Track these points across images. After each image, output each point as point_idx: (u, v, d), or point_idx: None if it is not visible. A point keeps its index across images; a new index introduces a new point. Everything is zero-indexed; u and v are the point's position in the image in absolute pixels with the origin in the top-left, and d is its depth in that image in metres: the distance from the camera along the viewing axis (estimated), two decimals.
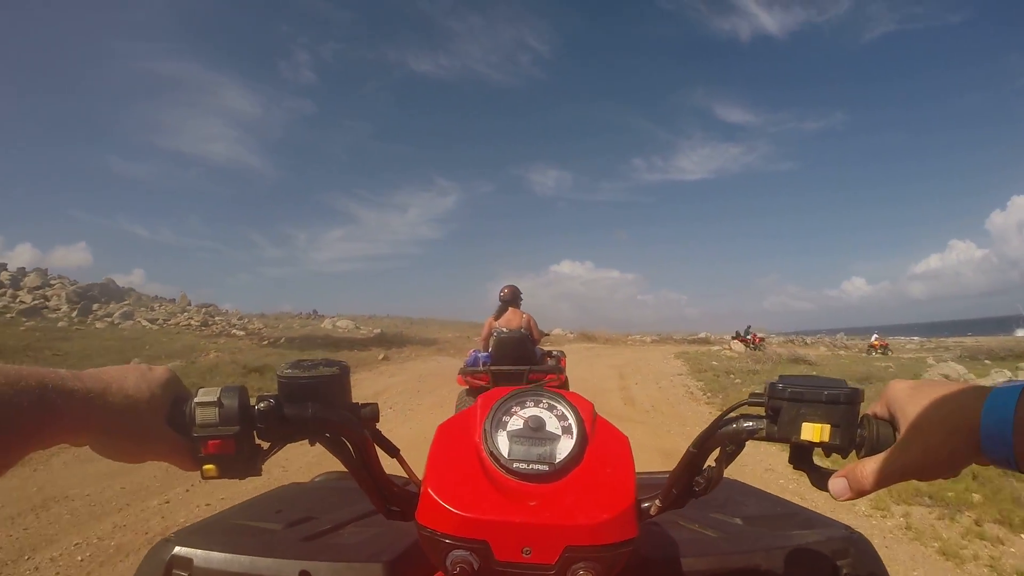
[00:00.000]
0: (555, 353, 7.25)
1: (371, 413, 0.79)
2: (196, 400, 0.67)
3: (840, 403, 0.64)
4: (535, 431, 0.73)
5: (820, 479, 0.67)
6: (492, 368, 6.65)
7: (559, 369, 6.75)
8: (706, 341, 31.59)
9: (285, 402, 0.71)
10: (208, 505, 4.77)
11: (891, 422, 0.65)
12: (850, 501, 0.65)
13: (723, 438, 0.71)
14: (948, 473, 0.60)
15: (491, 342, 6.92)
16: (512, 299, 7.29)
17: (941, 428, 0.58)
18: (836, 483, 0.64)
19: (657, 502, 0.75)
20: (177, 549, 0.94)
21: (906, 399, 0.62)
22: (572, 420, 0.74)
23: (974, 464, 0.59)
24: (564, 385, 6.48)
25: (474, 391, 6.63)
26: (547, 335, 7.68)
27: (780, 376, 0.68)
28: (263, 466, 0.72)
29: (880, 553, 1.02)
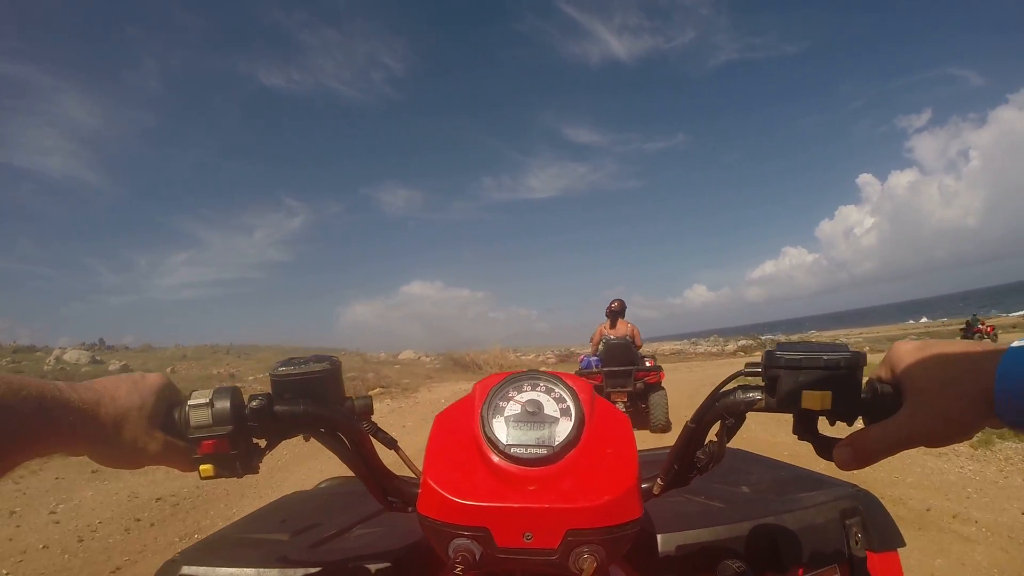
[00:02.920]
0: (655, 361, 8.43)
1: (364, 407, 0.79)
2: (189, 403, 0.70)
3: (840, 368, 0.61)
4: (533, 415, 0.71)
5: (825, 448, 0.65)
6: (604, 369, 8.00)
7: (658, 368, 8.09)
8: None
9: (278, 400, 0.73)
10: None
11: (897, 386, 0.61)
12: (893, 456, 0.61)
13: (721, 411, 0.70)
14: (959, 437, 0.56)
15: (600, 347, 8.42)
16: (620, 311, 8.74)
17: (951, 391, 0.55)
18: (841, 452, 0.63)
19: (659, 481, 0.75)
20: (184, 568, 0.94)
21: (912, 361, 0.59)
22: (570, 402, 0.72)
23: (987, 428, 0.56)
24: (662, 386, 7.98)
25: None
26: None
27: (778, 344, 0.66)
28: (260, 464, 0.74)
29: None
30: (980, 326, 25.35)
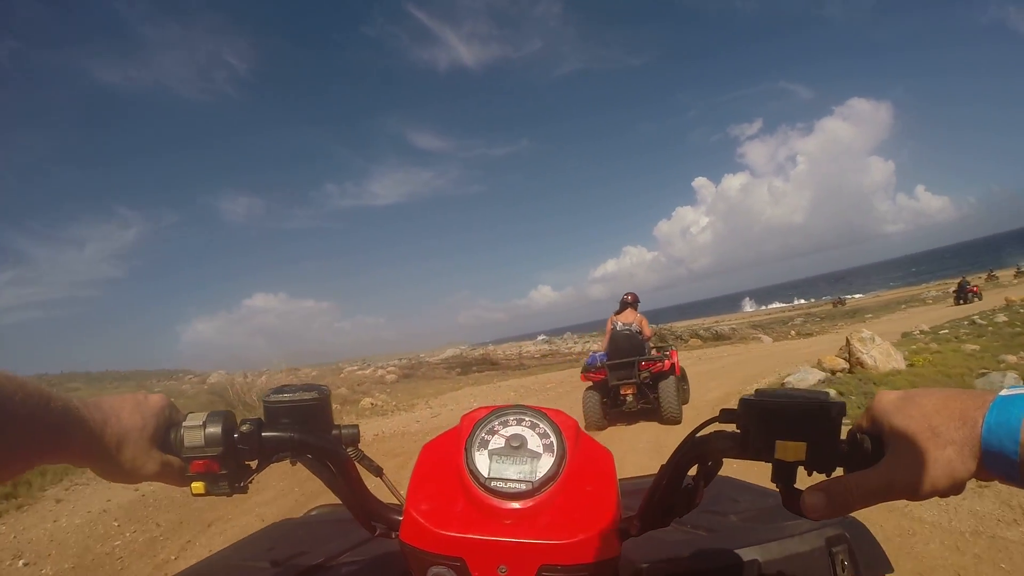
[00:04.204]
0: (666, 353, 8.13)
1: (351, 435, 0.81)
2: (184, 424, 0.73)
3: (815, 418, 0.60)
4: (516, 449, 0.73)
5: (792, 497, 0.63)
6: (607, 363, 7.89)
7: (664, 357, 7.81)
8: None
9: (268, 425, 0.76)
10: None
11: (879, 436, 0.59)
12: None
13: (695, 457, 0.69)
14: (944, 490, 0.54)
15: (608, 339, 8.34)
16: (632, 303, 8.59)
17: (935, 441, 0.53)
18: (812, 497, 0.60)
19: (637, 522, 0.73)
20: None
21: (894, 410, 0.58)
22: (553, 437, 0.73)
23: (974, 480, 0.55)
24: (674, 372, 7.80)
25: (595, 386, 7.95)
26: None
27: (756, 390, 0.65)
28: (249, 484, 0.77)
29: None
30: (971, 286, 27.42)
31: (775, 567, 0.98)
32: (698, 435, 0.70)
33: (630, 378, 7.70)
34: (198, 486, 0.73)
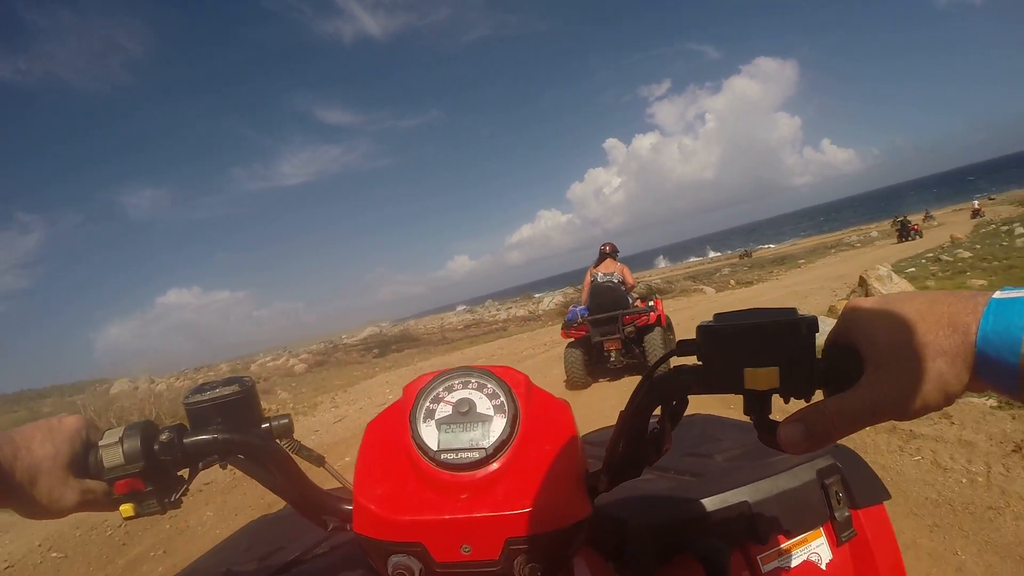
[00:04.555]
0: (650, 303, 7.71)
1: (283, 427, 0.77)
2: (100, 444, 0.68)
3: (785, 338, 0.52)
4: (464, 415, 0.66)
5: (768, 432, 0.55)
6: (589, 318, 7.48)
7: (650, 309, 7.38)
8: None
9: (192, 429, 0.71)
10: None
11: (858, 352, 0.52)
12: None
13: (657, 396, 0.62)
14: (935, 405, 0.48)
15: (588, 292, 7.85)
16: (611, 252, 8.15)
17: (923, 352, 0.47)
18: (788, 430, 0.52)
19: (604, 477, 0.67)
20: None
21: (872, 321, 0.51)
22: (503, 397, 0.67)
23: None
24: (660, 323, 7.37)
25: (576, 343, 7.56)
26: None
27: (714, 315, 0.57)
28: (183, 497, 0.72)
29: None
30: (912, 224, 27.73)
31: (766, 506, 0.96)
32: (656, 373, 0.63)
33: (614, 333, 7.35)
34: (127, 508, 0.68)
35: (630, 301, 7.80)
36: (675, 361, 0.62)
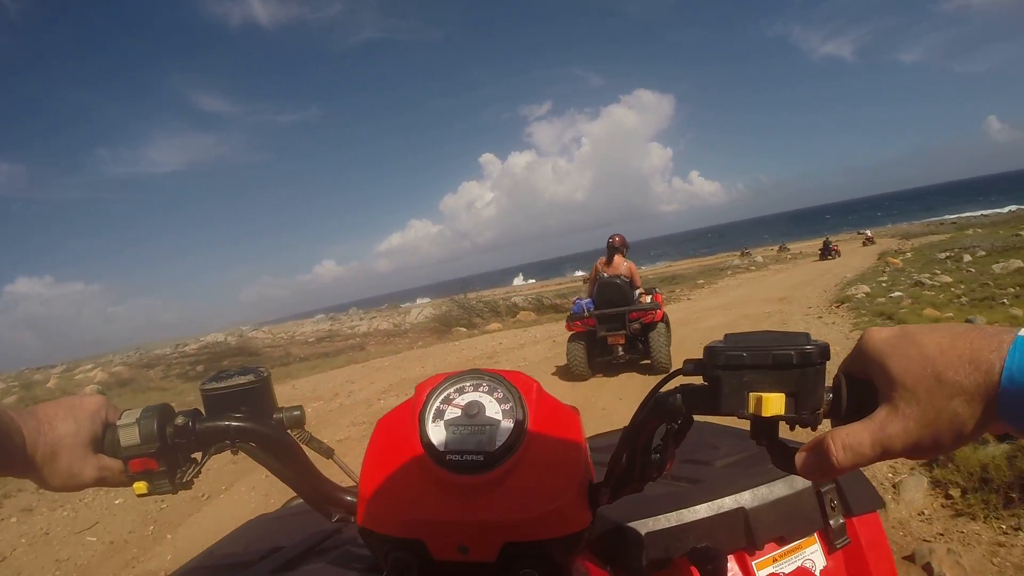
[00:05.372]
0: (653, 301, 7.90)
1: (295, 418, 0.79)
2: (119, 423, 0.70)
3: (793, 366, 0.51)
4: (473, 417, 0.67)
5: (782, 456, 0.54)
6: (595, 313, 7.68)
7: (655, 306, 7.57)
8: None
9: (206, 415, 0.74)
10: None
11: (871, 383, 0.50)
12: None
13: (661, 415, 0.62)
14: (949, 448, 0.46)
15: (596, 287, 7.98)
16: (620, 247, 8.12)
17: (939, 390, 0.44)
18: (805, 460, 0.52)
19: (607, 491, 0.67)
20: None
21: (888, 352, 0.49)
22: (512, 402, 0.67)
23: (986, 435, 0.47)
24: (664, 320, 7.64)
25: (579, 335, 7.78)
26: None
27: (725, 335, 0.57)
28: (194, 479, 0.74)
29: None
30: (832, 245, 28.84)
31: (763, 513, 0.97)
32: (661, 391, 0.63)
33: (620, 328, 7.56)
34: (140, 486, 0.71)
35: (635, 297, 7.95)
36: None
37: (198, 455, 0.75)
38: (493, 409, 0.67)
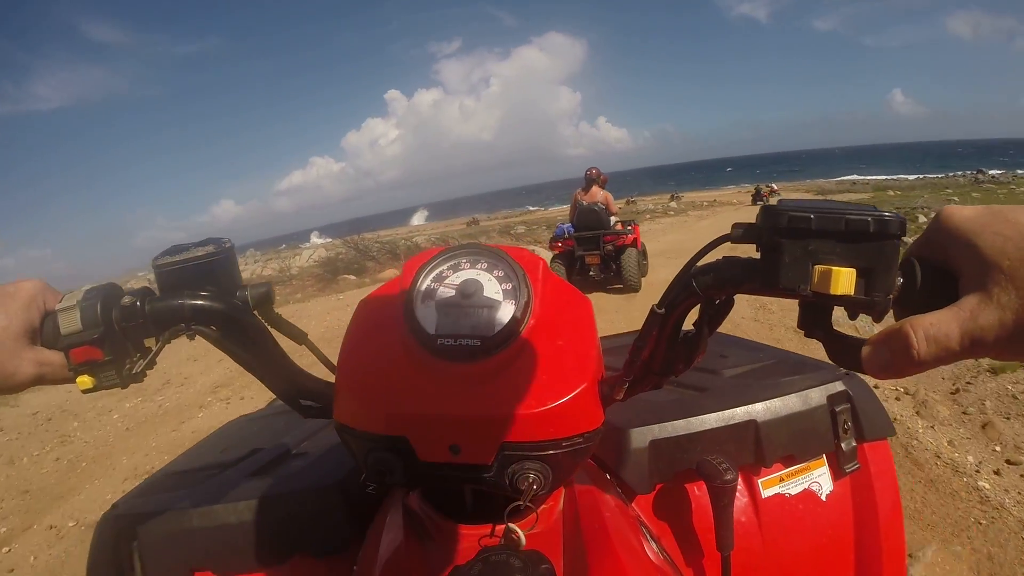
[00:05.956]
0: (628, 228, 8.64)
1: (261, 295, 0.69)
2: (57, 308, 0.61)
3: (870, 236, 0.41)
4: (469, 297, 0.58)
5: (844, 350, 0.45)
6: (574, 235, 8.50)
7: (627, 232, 8.35)
8: None
9: (161, 294, 0.63)
10: None
11: (951, 266, 0.42)
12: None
13: (699, 292, 0.50)
14: None
15: (575, 213, 8.82)
16: (596, 178, 9.12)
17: None
18: (876, 353, 0.42)
19: (623, 383, 0.60)
20: (123, 518, 0.89)
21: (979, 230, 0.40)
22: (517, 281, 0.58)
23: None
24: (636, 246, 8.41)
25: (561, 256, 8.61)
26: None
27: (779, 200, 0.46)
28: (147, 371, 0.64)
29: None
30: (764, 190, 28.76)
31: (773, 427, 0.92)
32: (700, 263, 0.51)
33: (595, 249, 8.29)
34: (84, 380, 0.60)
35: (611, 223, 8.62)
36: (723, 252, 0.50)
37: (152, 342, 0.64)
38: (493, 289, 0.58)
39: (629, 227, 8.59)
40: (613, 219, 8.72)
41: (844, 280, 0.41)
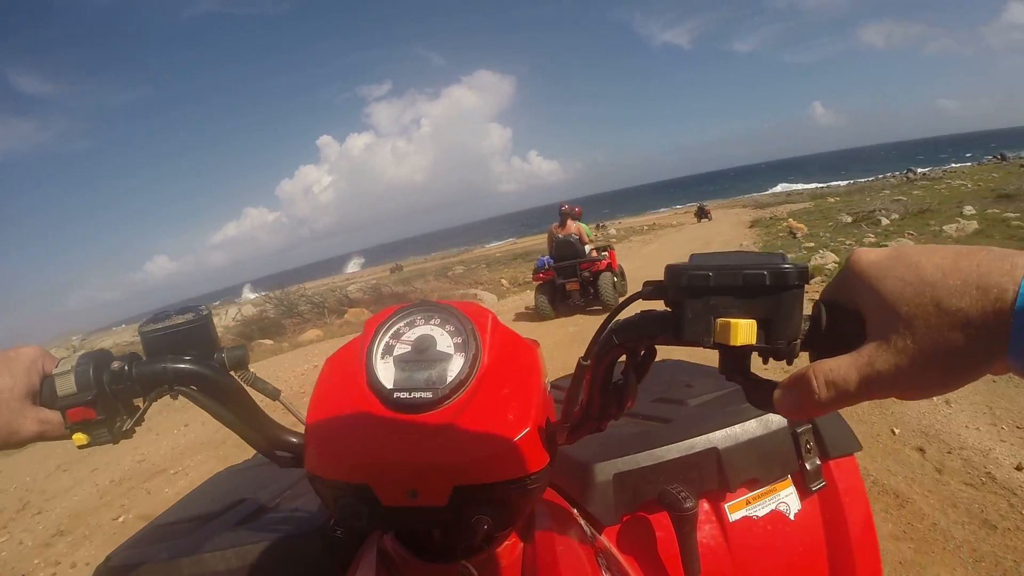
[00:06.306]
0: (603, 254, 9.57)
1: (237, 357, 0.75)
2: (55, 372, 0.67)
3: (768, 289, 0.44)
4: (422, 353, 0.63)
5: (758, 393, 0.48)
6: (554, 265, 9.39)
7: (602, 257, 9.31)
8: None
9: (146, 358, 0.70)
10: None
11: (858, 310, 0.43)
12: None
13: (619, 345, 0.55)
14: (946, 386, 0.39)
15: (554, 246, 9.76)
16: (569, 212, 10.01)
17: (940, 319, 0.37)
18: (782, 396, 0.45)
19: (564, 430, 0.64)
20: (116, 569, 0.93)
21: (882, 275, 0.41)
22: (467, 334, 0.64)
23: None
24: (611, 269, 9.35)
25: (544, 285, 9.47)
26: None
27: (691, 255, 0.50)
28: (135, 428, 0.71)
29: None
30: (707, 209, 29.43)
31: (736, 454, 0.94)
32: (618, 317, 0.56)
33: (573, 277, 9.17)
34: (80, 437, 0.67)
35: (586, 252, 9.54)
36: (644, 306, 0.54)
37: (140, 402, 0.71)
38: (445, 343, 0.64)
39: (604, 253, 9.53)
40: (588, 247, 9.62)
41: (743, 331, 0.43)
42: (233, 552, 0.89)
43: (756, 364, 0.48)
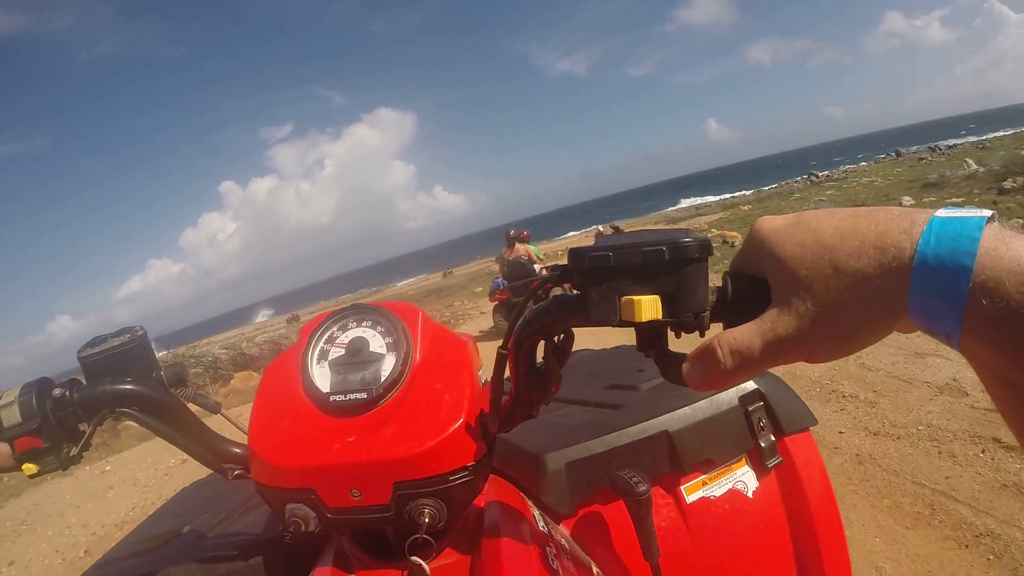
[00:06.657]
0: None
1: (175, 375, 0.76)
2: (0, 404, 0.68)
3: (667, 264, 0.44)
4: (356, 355, 0.64)
5: (671, 368, 0.48)
6: (508, 286, 9.97)
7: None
8: None
9: (86, 383, 0.71)
10: None
11: (764, 279, 0.43)
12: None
13: (535, 329, 0.56)
14: (850, 347, 0.39)
15: (505, 268, 10.44)
16: (516, 237, 10.71)
17: (840, 278, 0.37)
18: (689, 368, 0.45)
19: (495, 419, 0.64)
20: None
21: (782, 240, 0.41)
22: (398, 334, 0.65)
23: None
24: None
25: (500, 305, 10.07)
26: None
27: (596, 236, 0.50)
28: (83, 454, 0.72)
29: None
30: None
31: (687, 435, 0.95)
32: (530, 304, 0.57)
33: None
34: (30, 467, 0.68)
35: (536, 271, 10.09)
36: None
37: (84, 427, 0.71)
38: (377, 344, 0.65)
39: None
40: (538, 266, 10.21)
41: (647, 307, 0.44)
42: (198, 566, 0.88)
43: (690, 341, 0.47)
